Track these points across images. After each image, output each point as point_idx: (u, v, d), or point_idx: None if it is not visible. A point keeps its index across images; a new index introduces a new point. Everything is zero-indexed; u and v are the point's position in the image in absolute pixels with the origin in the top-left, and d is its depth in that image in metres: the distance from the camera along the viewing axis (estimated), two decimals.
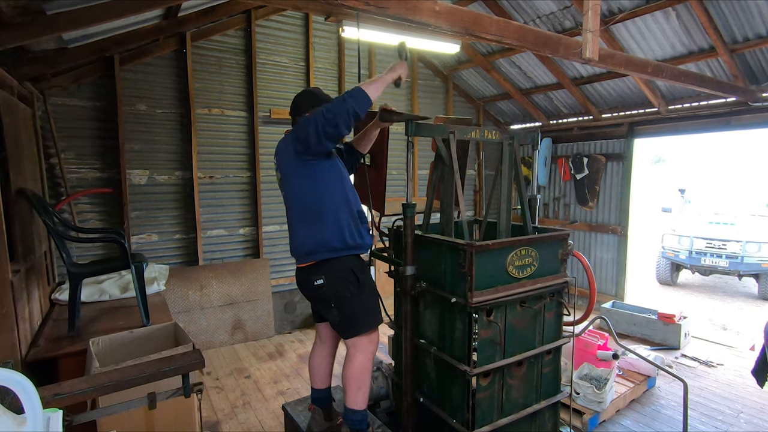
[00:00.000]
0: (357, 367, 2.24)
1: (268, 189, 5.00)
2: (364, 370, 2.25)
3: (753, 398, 3.57)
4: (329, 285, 2.18)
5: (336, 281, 2.18)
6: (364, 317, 2.24)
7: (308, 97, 2.34)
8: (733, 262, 6.93)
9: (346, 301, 2.20)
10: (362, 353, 2.25)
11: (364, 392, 2.28)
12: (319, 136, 2.04)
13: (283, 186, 2.33)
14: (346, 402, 2.30)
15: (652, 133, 5.20)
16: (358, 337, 2.24)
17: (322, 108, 2.06)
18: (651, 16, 3.99)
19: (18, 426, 1.18)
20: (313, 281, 2.20)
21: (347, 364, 2.27)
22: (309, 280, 2.22)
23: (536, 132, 2.81)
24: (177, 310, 4.43)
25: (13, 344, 2.30)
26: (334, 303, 2.21)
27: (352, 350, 2.26)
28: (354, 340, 2.25)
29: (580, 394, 3.15)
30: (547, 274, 2.37)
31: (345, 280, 2.19)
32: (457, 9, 2.12)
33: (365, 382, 2.27)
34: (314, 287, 2.21)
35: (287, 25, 5.02)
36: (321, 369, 2.55)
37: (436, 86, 6.33)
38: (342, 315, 2.21)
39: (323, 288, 2.19)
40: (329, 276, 2.18)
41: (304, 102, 2.32)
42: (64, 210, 3.98)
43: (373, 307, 2.29)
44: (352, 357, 2.25)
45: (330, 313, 2.24)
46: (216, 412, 3.40)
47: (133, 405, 1.79)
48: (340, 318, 2.22)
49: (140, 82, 4.31)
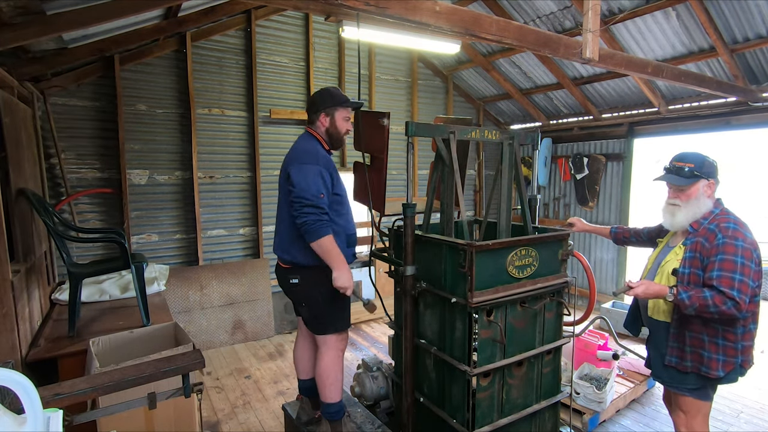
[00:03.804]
0: (327, 364, 2.35)
1: (268, 189, 5.01)
2: (334, 366, 2.36)
3: (753, 398, 3.56)
4: (303, 285, 2.31)
5: (310, 284, 2.29)
6: (332, 320, 2.35)
7: (327, 96, 2.38)
8: None
9: (316, 304, 2.31)
10: (332, 350, 2.36)
11: (337, 386, 2.38)
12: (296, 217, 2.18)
13: (281, 187, 2.39)
14: (321, 396, 2.40)
15: (652, 133, 5.19)
16: (327, 335, 2.35)
17: (302, 218, 2.14)
18: (651, 16, 3.99)
19: (18, 426, 1.18)
20: (289, 279, 2.33)
21: (318, 361, 2.38)
22: (286, 277, 2.36)
23: (536, 132, 2.80)
24: (177, 310, 4.43)
25: (13, 344, 2.30)
26: (305, 302, 2.33)
27: (322, 347, 2.37)
28: (324, 337, 2.36)
29: (580, 394, 3.15)
30: (547, 274, 2.37)
31: (319, 285, 2.27)
32: (457, 9, 2.12)
33: (337, 376, 2.37)
34: (289, 284, 2.34)
35: (287, 25, 5.02)
36: (304, 360, 2.64)
37: (436, 86, 6.33)
38: (311, 314, 2.33)
39: (297, 287, 2.32)
40: (305, 277, 2.30)
41: (322, 101, 2.37)
42: (64, 210, 3.98)
43: (342, 312, 2.39)
44: (323, 354, 2.37)
45: (302, 310, 2.38)
46: (216, 412, 3.40)
47: (133, 405, 1.79)
48: (311, 316, 2.35)
49: (140, 82, 4.31)
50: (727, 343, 1.98)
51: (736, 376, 2.02)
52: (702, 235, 2.01)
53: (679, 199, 2.08)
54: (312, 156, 2.25)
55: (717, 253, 1.91)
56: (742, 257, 1.87)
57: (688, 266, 2.02)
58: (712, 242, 1.95)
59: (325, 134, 2.41)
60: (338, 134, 2.42)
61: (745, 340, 2.00)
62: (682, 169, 2.06)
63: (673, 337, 2.09)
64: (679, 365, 2.08)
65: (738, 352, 1.98)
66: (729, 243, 1.90)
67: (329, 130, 2.40)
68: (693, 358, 2.04)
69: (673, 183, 2.09)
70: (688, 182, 2.04)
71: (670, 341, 2.10)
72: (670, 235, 2.28)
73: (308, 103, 2.45)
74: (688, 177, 2.04)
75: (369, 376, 2.97)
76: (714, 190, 2.07)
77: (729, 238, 1.91)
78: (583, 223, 2.70)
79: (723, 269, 1.88)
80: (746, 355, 2.01)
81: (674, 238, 2.22)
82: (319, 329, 2.36)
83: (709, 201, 2.06)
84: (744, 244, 1.90)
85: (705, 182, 2.04)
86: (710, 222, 2.02)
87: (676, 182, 2.07)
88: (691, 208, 2.06)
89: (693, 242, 2.03)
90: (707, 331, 2.00)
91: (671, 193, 2.12)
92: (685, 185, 2.05)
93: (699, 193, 2.04)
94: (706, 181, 2.04)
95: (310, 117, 2.43)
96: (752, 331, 2.02)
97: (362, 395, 2.96)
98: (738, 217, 2.03)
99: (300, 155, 2.26)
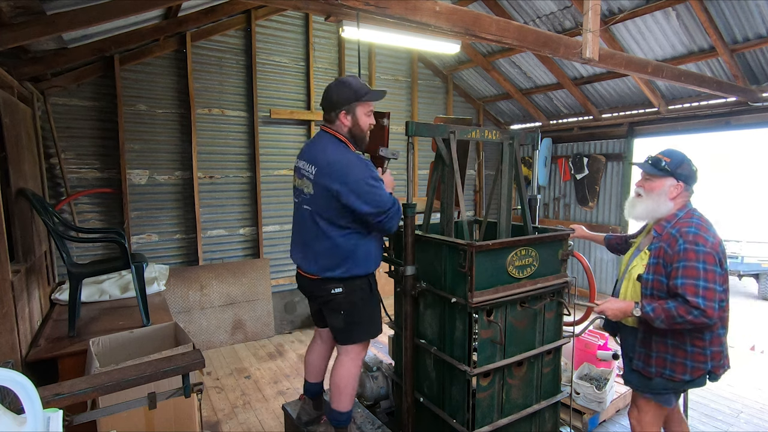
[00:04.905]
0: (346, 372, 2.28)
1: (268, 189, 5.01)
2: (353, 376, 2.30)
3: (753, 398, 3.56)
4: (347, 294, 2.17)
5: (355, 291, 2.19)
6: (368, 327, 2.28)
7: (345, 91, 2.09)
8: (733, 262, 6.93)
9: (356, 309, 2.21)
10: (353, 360, 2.29)
11: (351, 395, 2.32)
12: (378, 226, 2.10)
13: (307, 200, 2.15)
14: (332, 403, 2.34)
15: (652, 133, 5.19)
16: (352, 345, 2.27)
17: (395, 226, 2.09)
18: (651, 16, 3.99)
19: (18, 426, 1.18)
20: (331, 289, 2.15)
21: (337, 368, 2.30)
22: (326, 287, 2.16)
23: (536, 132, 2.80)
24: (177, 310, 4.43)
25: (13, 344, 2.29)
26: (344, 310, 2.20)
27: (344, 356, 2.29)
28: (349, 347, 2.28)
29: (580, 394, 3.15)
30: (547, 274, 2.37)
31: (361, 290, 2.21)
32: (457, 9, 2.12)
33: (352, 386, 2.31)
34: (330, 294, 2.16)
35: (287, 25, 5.02)
36: (316, 365, 2.60)
37: (436, 86, 6.33)
38: (347, 321, 2.22)
39: (340, 296, 2.17)
40: (349, 286, 2.17)
41: (341, 97, 2.09)
42: (64, 210, 3.97)
43: (377, 317, 2.32)
44: (343, 363, 2.28)
45: (336, 318, 2.22)
46: (216, 412, 3.40)
47: (133, 405, 1.78)
48: (345, 324, 2.22)
49: (140, 82, 4.31)
50: (695, 349, 1.96)
51: (704, 380, 2.01)
52: (665, 240, 1.98)
53: (644, 189, 2.09)
54: (361, 165, 2.03)
55: (679, 260, 1.88)
56: (704, 262, 1.84)
57: (652, 273, 2.00)
58: (673, 248, 1.92)
59: (348, 135, 2.14)
60: (362, 134, 2.17)
61: (714, 346, 1.97)
62: (659, 161, 2.05)
63: (640, 343, 2.09)
64: (643, 370, 2.07)
65: (707, 357, 1.96)
66: (690, 249, 1.86)
67: (352, 130, 2.14)
68: (657, 363, 2.02)
69: (643, 170, 2.10)
70: (657, 173, 2.04)
71: (637, 346, 2.10)
72: (641, 236, 2.27)
73: (324, 99, 2.14)
74: (659, 170, 2.04)
75: (369, 376, 2.97)
76: (681, 193, 2.03)
77: (690, 243, 1.87)
78: (583, 231, 2.68)
79: (686, 276, 1.85)
80: (716, 360, 1.98)
81: (643, 241, 2.20)
82: (347, 338, 2.25)
83: (670, 203, 2.03)
84: (705, 248, 1.85)
85: (673, 182, 2.02)
86: (673, 226, 1.99)
87: (646, 169, 2.09)
88: (650, 203, 2.05)
89: (657, 248, 2.01)
90: (674, 337, 1.98)
91: (639, 182, 2.14)
92: (652, 175, 2.06)
93: (662, 190, 2.03)
94: (674, 181, 2.02)
95: (328, 115, 2.15)
96: (721, 336, 1.99)
97: (362, 395, 2.96)
98: (702, 218, 1.99)
99: (348, 169, 2.01)
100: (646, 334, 2.06)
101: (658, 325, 1.90)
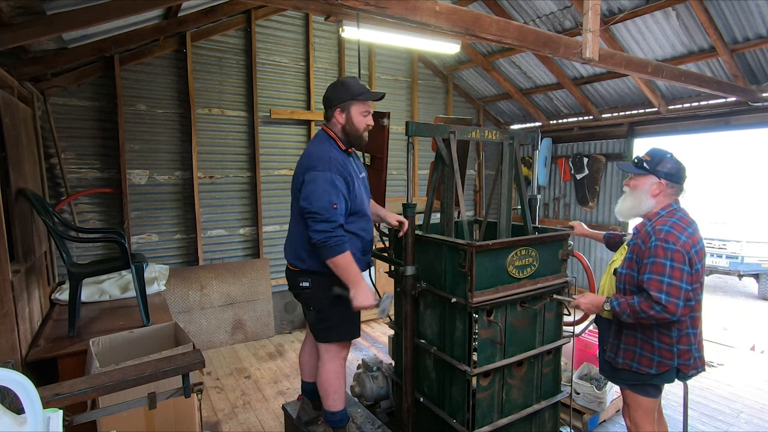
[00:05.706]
0: (329, 373, 2.26)
1: (268, 189, 5.01)
2: (337, 375, 2.28)
3: (753, 398, 3.57)
4: (315, 290, 2.19)
5: (321, 287, 2.17)
6: (339, 326, 2.23)
7: (341, 89, 2.17)
8: (733, 262, 6.94)
9: (326, 308, 2.20)
10: (333, 359, 2.26)
11: (340, 394, 2.30)
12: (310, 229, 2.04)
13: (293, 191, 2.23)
14: (324, 405, 2.33)
15: (652, 133, 5.19)
16: (330, 343, 2.25)
17: (315, 237, 1.99)
18: (651, 16, 3.99)
19: (18, 426, 1.18)
20: (300, 282, 2.21)
21: (320, 370, 2.29)
22: (296, 280, 2.24)
23: (536, 132, 2.81)
24: (177, 310, 4.43)
25: (13, 344, 2.30)
26: (313, 306, 2.22)
27: (324, 355, 2.27)
28: (326, 345, 2.25)
29: (580, 394, 3.15)
30: (547, 274, 2.37)
31: (330, 289, 2.16)
32: (457, 9, 2.12)
33: (339, 384, 2.29)
34: (299, 287, 2.22)
35: (287, 25, 5.02)
36: (310, 364, 2.60)
37: (436, 86, 6.33)
38: (319, 319, 2.22)
39: (307, 290, 2.21)
40: (316, 282, 2.18)
41: (336, 95, 2.18)
42: (64, 210, 3.98)
43: (350, 319, 2.25)
44: (324, 363, 2.27)
45: (309, 314, 2.27)
46: (216, 412, 3.40)
47: (133, 405, 1.79)
48: (317, 322, 2.23)
49: (140, 82, 4.31)
50: (662, 345, 1.99)
51: (672, 377, 2.03)
52: (641, 237, 2.02)
53: (629, 187, 2.15)
54: (323, 162, 2.06)
55: (649, 256, 1.92)
56: (671, 260, 1.86)
57: (626, 267, 2.05)
58: (646, 244, 1.95)
59: (341, 132, 2.20)
60: (356, 132, 2.19)
61: (682, 344, 1.99)
62: (643, 161, 2.09)
63: (613, 335, 2.15)
64: (613, 361, 2.13)
65: (674, 355, 1.98)
66: (659, 246, 1.89)
67: (345, 127, 2.19)
68: (626, 356, 2.07)
69: (624, 169, 2.17)
70: (637, 172, 2.09)
71: (610, 338, 2.16)
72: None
73: (324, 98, 2.23)
74: (640, 168, 2.08)
75: (369, 376, 2.97)
76: (663, 191, 2.04)
77: (660, 240, 1.90)
78: (582, 228, 2.70)
79: (652, 272, 1.88)
80: (684, 359, 1.99)
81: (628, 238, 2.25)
82: (322, 336, 2.24)
83: (652, 200, 2.05)
84: (675, 246, 1.87)
85: (654, 180, 2.04)
86: (652, 224, 2.01)
87: (627, 168, 2.15)
88: (632, 200, 2.11)
89: (633, 244, 2.06)
90: (642, 331, 2.02)
91: (626, 180, 2.20)
92: (634, 174, 2.12)
93: (643, 188, 2.06)
94: (656, 179, 2.04)
95: (325, 113, 2.24)
96: (690, 335, 2.00)
97: (362, 395, 2.96)
98: (682, 219, 1.99)
99: (312, 162, 2.07)
100: (618, 326, 2.11)
101: (625, 319, 1.95)
